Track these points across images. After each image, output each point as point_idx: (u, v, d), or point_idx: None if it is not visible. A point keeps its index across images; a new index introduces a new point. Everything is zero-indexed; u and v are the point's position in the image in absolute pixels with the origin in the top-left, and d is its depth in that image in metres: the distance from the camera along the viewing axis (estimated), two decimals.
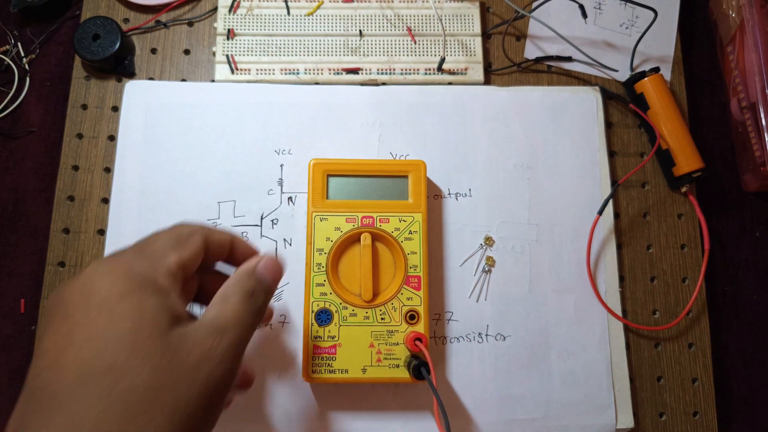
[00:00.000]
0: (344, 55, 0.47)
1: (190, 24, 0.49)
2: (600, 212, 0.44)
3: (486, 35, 0.49)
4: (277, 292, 0.43)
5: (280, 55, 0.47)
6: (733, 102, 0.48)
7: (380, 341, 0.39)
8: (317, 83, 0.47)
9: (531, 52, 0.49)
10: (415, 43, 0.48)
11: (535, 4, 0.49)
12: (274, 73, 0.47)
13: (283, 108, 0.46)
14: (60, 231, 0.44)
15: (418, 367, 0.37)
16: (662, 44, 0.49)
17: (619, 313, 0.44)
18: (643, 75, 0.46)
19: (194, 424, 0.24)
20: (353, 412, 0.41)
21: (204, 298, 0.32)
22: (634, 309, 0.45)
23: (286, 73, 0.47)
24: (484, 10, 0.50)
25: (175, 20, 0.48)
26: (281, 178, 0.45)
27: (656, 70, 0.47)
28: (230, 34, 0.47)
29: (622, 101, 0.48)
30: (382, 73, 0.47)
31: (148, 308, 0.25)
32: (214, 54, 0.47)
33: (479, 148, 0.46)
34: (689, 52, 0.50)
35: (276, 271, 0.31)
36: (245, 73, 0.47)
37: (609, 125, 0.48)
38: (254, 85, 0.46)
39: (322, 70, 0.47)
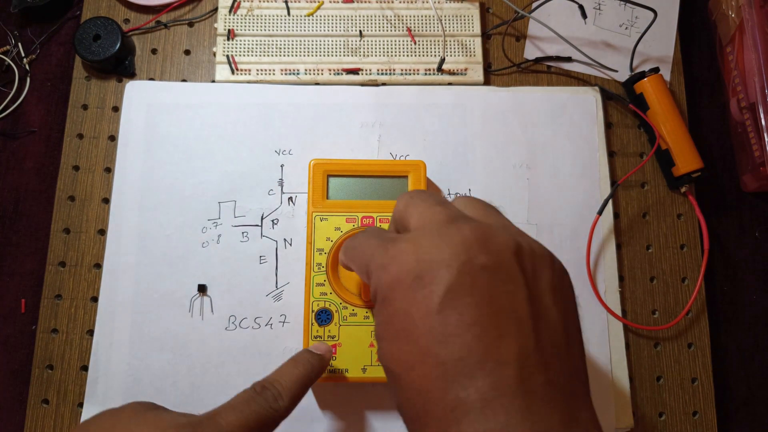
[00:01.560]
0: (344, 55, 0.47)
1: (191, 24, 0.49)
2: (599, 212, 0.44)
3: (486, 36, 0.49)
4: (276, 292, 0.43)
5: (280, 56, 0.47)
6: (733, 102, 0.48)
7: None
8: (317, 83, 0.47)
9: (531, 52, 0.49)
10: (415, 43, 0.48)
11: (534, 5, 0.49)
12: (274, 74, 0.47)
13: (284, 108, 0.46)
14: (61, 231, 0.44)
15: None
16: (662, 45, 0.50)
17: (619, 312, 0.44)
18: (642, 75, 0.47)
19: None
20: (353, 412, 0.41)
21: None
22: (633, 309, 0.45)
23: (286, 74, 0.47)
24: (484, 11, 0.50)
25: (176, 21, 0.49)
26: (281, 179, 0.45)
27: (656, 70, 0.47)
28: (230, 34, 0.47)
29: (622, 101, 0.48)
30: (382, 74, 0.47)
31: None
32: (214, 54, 0.47)
33: (479, 148, 0.46)
34: (689, 52, 0.51)
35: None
36: (245, 74, 0.47)
37: (608, 125, 0.48)
38: (254, 85, 0.47)
39: (322, 70, 0.47)
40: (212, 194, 0.44)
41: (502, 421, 0.19)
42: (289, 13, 0.48)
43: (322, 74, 0.47)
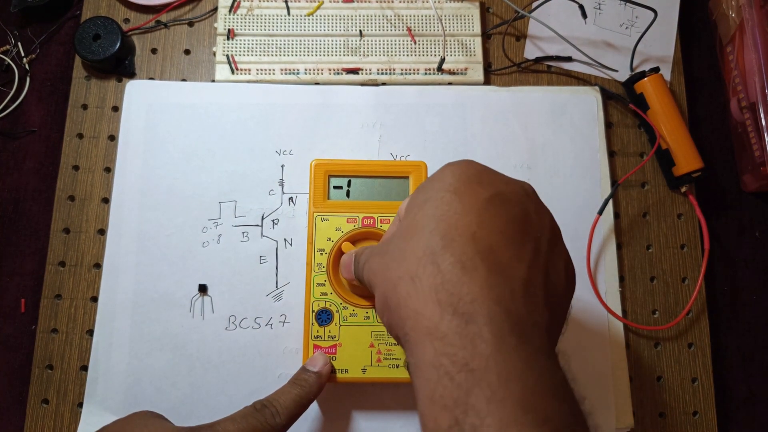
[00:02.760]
0: (344, 55, 0.47)
1: (191, 24, 0.49)
2: (600, 212, 0.44)
3: (486, 35, 0.49)
4: (277, 292, 0.43)
5: (280, 55, 0.47)
6: (733, 102, 0.48)
7: (380, 341, 0.39)
8: (317, 83, 0.47)
9: (531, 52, 0.49)
10: (415, 43, 0.48)
11: (535, 4, 0.49)
12: (274, 73, 0.47)
13: (284, 108, 0.46)
14: (60, 231, 0.44)
15: None
16: (662, 44, 0.50)
17: (619, 312, 0.44)
18: (642, 75, 0.47)
19: None
20: (353, 412, 0.41)
21: None
22: (633, 309, 0.45)
23: (286, 73, 0.47)
24: (484, 10, 0.50)
25: (176, 20, 0.48)
26: (282, 179, 0.45)
27: (656, 70, 0.47)
28: (230, 34, 0.47)
29: (622, 101, 0.48)
30: (382, 74, 0.47)
31: None
32: (214, 54, 0.47)
33: (479, 148, 0.46)
34: (689, 52, 0.51)
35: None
36: (245, 73, 0.47)
37: (609, 125, 0.48)
38: (255, 85, 0.46)
39: (322, 70, 0.47)
40: (212, 194, 0.44)
41: (507, 303, 0.23)
42: (289, 13, 0.48)
43: (322, 74, 0.47)
